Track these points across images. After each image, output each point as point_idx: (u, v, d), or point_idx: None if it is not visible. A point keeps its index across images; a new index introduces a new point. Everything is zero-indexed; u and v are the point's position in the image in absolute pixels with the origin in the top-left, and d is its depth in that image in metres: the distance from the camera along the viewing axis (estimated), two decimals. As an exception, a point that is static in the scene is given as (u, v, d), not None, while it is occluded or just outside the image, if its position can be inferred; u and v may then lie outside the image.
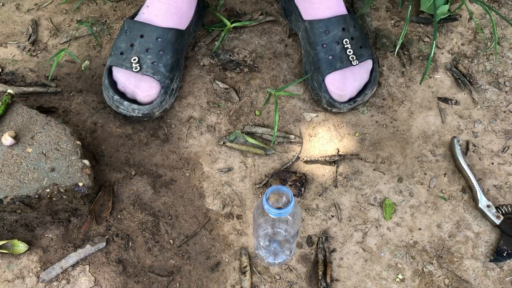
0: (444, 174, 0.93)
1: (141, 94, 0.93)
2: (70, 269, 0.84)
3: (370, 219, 0.89)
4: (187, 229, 0.88)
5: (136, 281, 0.83)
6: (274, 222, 0.77)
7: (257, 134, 0.98)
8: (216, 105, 1.00)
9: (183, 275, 0.84)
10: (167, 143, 0.96)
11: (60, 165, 0.85)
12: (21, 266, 0.84)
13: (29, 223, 0.87)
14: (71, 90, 1.01)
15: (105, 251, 0.85)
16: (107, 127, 0.97)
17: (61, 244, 0.86)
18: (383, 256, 0.86)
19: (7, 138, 0.85)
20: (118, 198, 0.90)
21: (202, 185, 0.92)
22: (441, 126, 0.98)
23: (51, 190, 0.83)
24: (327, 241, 0.87)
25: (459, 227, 0.88)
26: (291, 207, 0.69)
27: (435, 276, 0.84)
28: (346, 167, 0.94)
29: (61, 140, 0.87)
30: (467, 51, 1.07)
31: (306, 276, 0.84)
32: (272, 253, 0.83)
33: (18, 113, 0.90)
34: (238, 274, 0.84)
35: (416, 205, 0.90)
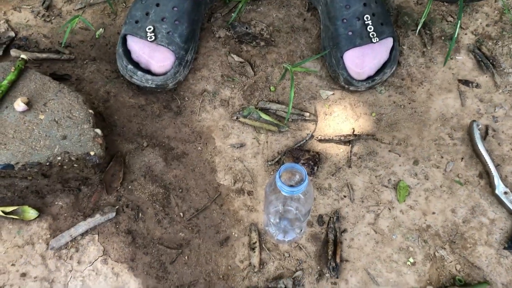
0: (461, 158, 0.91)
1: (155, 64, 0.92)
2: (79, 237, 0.84)
3: (383, 201, 0.88)
4: (197, 203, 0.87)
5: (144, 253, 0.83)
6: (286, 200, 0.76)
7: (271, 110, 0.96)
8: (231, 79, 0.98)
9: (192, 248, 0.84)
10: (179, 115, 0.95)
11: (72, 133, 0.84)
12: (31, 232, 0.84)
13: (39, 190, 0.87)
14: (85, 58, 1.00)
15: (115, 221, 0.85)
16: (120, 97, 0.96)
17: (71, 213, 0.86)
18: (394, 238, 0.85)
19: (20, 104, 0.84)
20: (129, 169, 0.89)
21: (214, 159, 0.91)
22: (460, 109, 0.96)
23: (62, 158, 0.82)
24: (338, 221, 0.86)
25: (474, 213, 0.86)
26: (304, 186, 0.68)
27: (447, 261, 0.83)
28: (361, 147, 0.92)
29: (74, 108, 0.86)
30: (492, 32, 1.03)
31: (315, 255, 0.84)
32: (282, 231, 0.82)
33: (31, 79, 0.89)
34: (247, 250, 0.84)
35: (431, 189, 0.88)
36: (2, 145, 0.82)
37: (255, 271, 0.82)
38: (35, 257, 0.83)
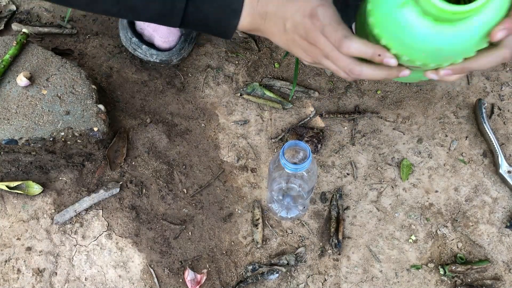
0: (465, 137, 0.91)
1: (159, 39, 0.91)
2: (83, 213, 0.85)
3: (386, 178, 0.88)
4: (201, 179, 0.88)
5: (148, 228, 0.84)
6: (289, 177, 0.76)
7: (275, 87, 0.95)
8: (235, 54, 0.97)
9: (196, 224, 0.85)
10: (183, 92, 0.94)
11: (75, 109, 0.84)
12: (36, 207, 0.85)
13: (43, 165, 0.87)
14: (87, 32, 0.99)
15: (119, 197, 0.86)
16: (123, 72, 0.95)
17: (75, 188, 0.86)
18: (397, 216, 0.85)
19: (22, 78, 0.84)
20: (132, 145, 0.89)
21: (217, 136, 0.91)
22: (466, 88, 0.95)
23: (65, 133, 0.82)
24: (341, 199, 0.86)
25: (477, 192, 0.87)
26: (307, 163, 0.68)
27: (449, 239, 0.83)
28: (365, 125, 0.92)
29: (77, 84, 0.86)
30: (500, 9, 1.01)
31: (317, 232, 0.84)
32: (285, 208, 0.82)
33: (33, 54, 0.88)
34: (250, 226, 0.85)
35: (434, 167, 0.88)
36: (5, 120, 0.82)
37: (258, 247, 0.83)
38: (40, 232, 0.83)
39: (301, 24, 0.58)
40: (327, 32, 0.56)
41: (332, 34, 0.56)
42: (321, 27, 0.56)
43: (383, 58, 0.55)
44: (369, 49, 0.55)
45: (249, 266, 0.81)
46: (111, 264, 0.82)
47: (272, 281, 0.81)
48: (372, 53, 0.55)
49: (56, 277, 0.81)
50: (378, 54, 0.55)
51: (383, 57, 0.55)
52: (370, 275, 0.81)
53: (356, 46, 0.55)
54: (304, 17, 0.57)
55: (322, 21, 0.56)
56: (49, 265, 0.81)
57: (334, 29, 0.56)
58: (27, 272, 0.81)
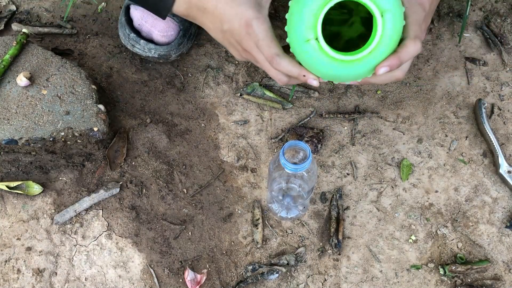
0: (465, 137, 0.91)
1: (157, 33, 0.90)
2: (83, 213, 0.85)
3: (386, 179, 0.88)
4: (201, 179, 0.88)
5: (148, 228, 0.84)
6: (289, 177, 0.76)
7: (275, 87, 0.95)
8: (235, 54, 0.97)
9: (196, 224, 0.85)
10: (183, 92, 0.94)
11: (75, 109, 0.84)
12: (36, 207, 0.85)
13: (43, 165, 0.87)
14: (87, 32, 0.99)
15: (119, 197, 0.86)
16: (123, 72, 0.95)
17: (75, 188, 0.86)
18: (397, 216, 0.85)
19: (22, 78, 0.84)
20: (132, 145, 0.89)
21: (217, 136, 0.91)
22: (466, 88, 0.95)
23: (65, 133, 0.82)
24: (341, 199, 0.86)
25: (477, 192, 0.87)
26: (307, 164, 0.68)
27: (449, 239, 0.83)
28: (365, 125, 0.92)
29: (76, 84, 0.86)
30: (500, 9, 1.01)
31: (317, 232, 0.84)
32: (285, 208, 0.82)
33: (33, 54, 0.88)
34: (250, 226, 0.85)
35: (434, 167, 0.88)
36: (5, 120, 0.82)
37: (258, 247, 0.83)
38: (40, 232, 0.83)
39: (237, 30, 0.62)
40: (260, 46, 0.62)
41: (265, 50, 0.62)
42: (256, 40, 0.62)
43: (307, 79, 0.64)
44: (296, 70, 0.63)
45: (249, 266, 0.81)
46: (111, 264, 0.82)
47: (272, 281, 0.81)
48: (297, 73, 0.63)
49: (56, 277, 0.81)
50: (303, 75, 0.63)
51: (307, 78, 0.64)
52: (370, 275, 0.81)
53: (285, 65, 0.62)
54: (240, 26, 0.62)
55: (257, 35, 0.61)
56: (49, 265, 0.81)
57: (268, 45, 0.62)
58: (27, 272, 0.81)
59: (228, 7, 0.62)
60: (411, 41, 0.62)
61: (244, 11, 0.62)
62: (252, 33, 0.62)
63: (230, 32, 0.64)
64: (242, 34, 0.63)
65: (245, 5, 0.62)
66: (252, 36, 0.62)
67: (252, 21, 0.61)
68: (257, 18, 0.62)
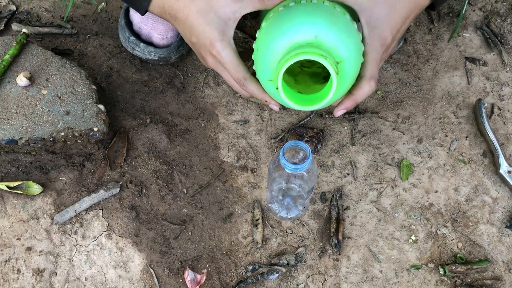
0: (465, 137, 0.91)
1: (157, 36, 0.91)
2: (83, 213, 0.85)
3: (386, 179, 0.88)
4: (201, 179, 0.88)
5: (148, 228, 0.84)
6: (289, 177, 0.76)
7: (276, 86, 0.95)
8: (235, 55, 0.97)
9: (196, 224, 0.85)
10: (183, 92, 0.94)
11: (75, 109, 0.84)
12: (36, 207, 0.85)
13: (43, 165, 0.87)
14: (87, 32, 0.99)
15: (119, 197, 0.86)
16: (123, 72, 0.95)
17: (75, 188, 0.86)
18: (397, 216, 0.85)
19: (22, 79, 0.84)
20: (132, 145, 0.89)
21: (217, 136, 0.91)
22: (466, 88, 0.95)
23: (65, 133, 0.82)
24: (341, 199, 0.86)
25: (477, 192, 0.87)
26: (307, 164, 0.68)
27: (449, 239, 0.83)
28: (365, 125, 0.92)
29: (76, 84, 0.86)
30: (500, 9, 1.01)
31: (317, 232, 0.84)
32: (285, 208, 0.82)
33: (33, 54, 0.88)
34: (250, 226, 0.85)
35: (434, 167, 0.88)
36: (5, 120, 0.82)
37: (258, 247, 0.83)
38: (40, 232, 0.83)
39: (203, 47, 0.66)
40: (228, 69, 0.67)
41: (232, 72, 0.67)
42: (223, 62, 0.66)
43: (269, 104, 0.70)
44: (260, 95, 0.69)
45: (249, 266, 0.81)
46: (111, 264, 0.82)
47: (272, 281, 0.81)
48: (261, 98, 0.69)
49: (56, 277, 0.81)
50: (265, 100, 0.70)
51: (269, 103, 0.70)
52: (370, 275, 0.81)
53: (251, 89, 0.68)
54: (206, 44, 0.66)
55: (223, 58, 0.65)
56: (49, 265, 0.81)
57: (235, 69, 0.66)
58: (27, 272, 0.81)
59: (197, 23, 0.65)
60: (366, 82, 0.67)
61: (209, 31, 0.64)
62: (217, 54, 0.65)
63: (197, 46, 0.67)
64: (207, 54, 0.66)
65: (211, 25, 0.64)
66: (218, 57, 0.65)
67: (216, 43, 0.64)
68: (221, 41, 0.64)
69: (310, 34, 0.62)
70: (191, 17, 0.65)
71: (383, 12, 0.66)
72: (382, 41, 0.66)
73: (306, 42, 0.62)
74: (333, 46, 0.63)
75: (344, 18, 0.65)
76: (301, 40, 0.63)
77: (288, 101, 0.64)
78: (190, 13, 0.65)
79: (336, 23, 0.63)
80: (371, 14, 0.65)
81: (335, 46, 0.63)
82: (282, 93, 0.63)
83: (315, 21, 0.63)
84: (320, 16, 0.63)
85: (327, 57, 0.60)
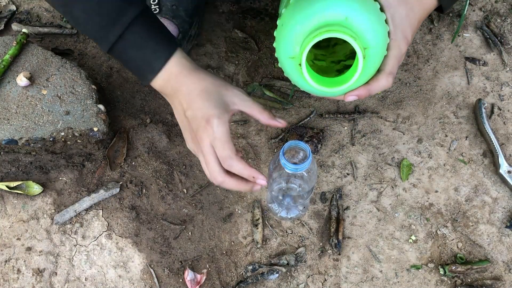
0: (465, 137, 0.91)
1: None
2: (83, 213, 0.85)
3: (386, 179, 0.88)
4: (200, 179, 0.88)
5: (148, 228, 0.84)
6: (289, 177, 0.76)
7: (275, 87, 0.95)
8: (235, 54, 0.97)
9: (196, 224, 0.85)
10: (183, 91, 0.94)
11: (75, 109, 0.84)
12: (36, 207, 0.85)
13: (43, 165, 0.87)
14: (87, 32, 0.99)
15: (119, 197, 0.86)
16: (123, 72, 0.95)
17: (75, 188, 0.86)
18: (397, 216, 0.85)
19: (22, 78, 0.84)
20: (132, 145, 0.89)
21: (217, 136, 0.91)
22: (466, 88, 0.95)
23: (65, 133, 0.82)
24: (341, 199, 0.86)
25: (477, 192, 0.87)
26: (307, 164, 0.68)
27: (449, 239, 0.83)
28: (365, 125, 0.92)
29: (76, 84, 0.86)
30: (500, 9, 1.01)
31: (317, 232, 0.84)
32: (285, 208, 0.82)
33: (33, 54, 0.88)
34: (250, 226, 0.85)
35: (434, 167, 0.88)
36: (5, 120, 0.82)
37: (258, 247, 0.83)
38: (40, 232, 0.83)
39: (198, 121, 0.66)
40: (216, 144, 0.66)
41: (219, 149, 0.66)
42: (212, 137, 0.66)
43: (256, 180, 0.67)
44: (247, 172, 0.66)
45: (249, 266, 0.81)
46: (111, 264, 0.82)
47: (272, 281, 0.81)
48: (248, 175, 0.67)
49: (56, 277, 0.81)
50: (253, 176, 0.67)
51: (256, 179, 0.67)
52: (370, 275, 0.81)
53: (237, 168, 0.66)
54: (202, 118, 0.66)
55: (215, 133, 0.65)
56: (49, 265, 0.81)
57: (222, 146, 0.66)
58: (27, 272, 0.81)
59: (198, 98, 0.66)
60: (384, 76, 0.66)
61: (209, 107, 0.66)
62: (209, 129, 0.65)
63: (191, 119, 0.67)
64: (200, 126, 0.66)
65: (212, 103, 0.66)
66: (209, 132, 0.65)
67: (213, 119, 0.65)
68: (219, 118, 0.65)
69: (342, 15, 0.62)
70: (194, 92, 0.67)
71: (405, 12, 0.66)
72: (404, 40, 0.67)
73: (336, 22, 0.62)
74: (362, 31, 0.62)
75: (375, 5, 0.64)
76: (331, 19, 0.62)
77: (309, 79, 0.63)
78: (195, 89, 0.67)
79: (368, 9, 0.63)
80: (395, 11, 0.66)
81: (364, 31, 0.62)
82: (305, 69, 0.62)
83: (348, 2, 0.62)
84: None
85: (356, 39, 0.59)
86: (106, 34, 0.65)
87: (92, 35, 0.67)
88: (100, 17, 0.64)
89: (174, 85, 0.68)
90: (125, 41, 0.65)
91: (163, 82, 0.68)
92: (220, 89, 0.68)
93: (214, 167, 0.67)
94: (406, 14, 0.66)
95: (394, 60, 0.67)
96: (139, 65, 0.68)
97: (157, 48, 0.67)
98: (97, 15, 0.64)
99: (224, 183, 0.68)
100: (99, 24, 0.64)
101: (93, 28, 0.65)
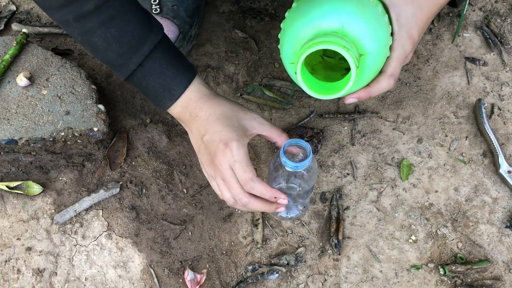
0: (465, 137, 0.91)
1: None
2: (83, 213, 0.85)
3: (386, 179, 0.88)
4: (201, 179, 0.88)
5: (148, 228, 0.84)
6: (289, 176, 0.76)
7: (275, 87, 0.95)
8: (235, 54, 0.97)
9: (196, 224, 0.85)
10: (183, 91, 0.94)
11: (75, 109, 0.84)
12: (36, 207, 0.85)
13: (43, 165, 0.87)
14: (87, 32, 0.99)
15: (119, 197, 0.86)
16: (123, 72, 0.95)
17: (75, 188, 0.86)
18: (397, 216, 0.85)
19: (22, 78, 0.84)
20: (132, 145, 0.89)
21: (217, 136, 0.91)
22: (466, 88, 0.95)
23: (65, 133, 0.82)
24: (341, 199, 0.86)
25: (477, 192, 0.87)
26: (308, 161, 0.68)
27: (449, 239, 0.83)
28: (365, 125, 0.92)
29: (76, 84, 0.86)
30: (500, 9, 1.01)
31: (317, 232, 0.84)
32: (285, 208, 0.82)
33: (33, 54, 0.88)
34: (250, 226, 0.85)
35: (434, 167, 0.88)
36: (5, 120, 0.82)
37: (258, 247, 0.83)
38: (40, 232, 0.83)
39: (215, 144, 0.66)
40: (236, 167, 0.66)
41: (240, 172, 0.66)
42: (232, 161, 0.65)
43: (278, 200, 0.68)
44: (269, 193, 0.67)
45: (249, 266, 0.81)
46: (111, 264, 0.82)
47: (272, 281, 0.81)
48: (270, 196, 0.67)
49: (56, 277, 0.81)
50: (274, 196, 0.67)
51: (278, 199, 0.68)
52: (370, 275, 0.81)
53: (259, 189, 0.66)
54: (221, 141, 0.66)
55: (234, 156, 0.65)
56: (49, 265, 0.81)
57: (243, 169, 0.65)
58: (27, 272, 0.81)
59: (217, 123, 0.67)
60: (385, 77, 0.66)
61: (228, 131, 0.66)
62: (228, 152, 0.65)
63: (208, 142, 0.67)
64: (218, 150, 0.66)
65: (231, 127, 0.66)
66: (228, 155, 0.65)
67: (232, 142, 0.65)
68: (238, 141, 0.66)
69: (337, 23, 0.61)
70: (213, 117, 0.67)
71: (412, 11, 0.65)
72: (410, 40, 0.66)
73: (331, 31, 0.61)
74: (359, 38, 0.61)
75: (375, 9, 0.63)
76: (326, 28, 0.61)
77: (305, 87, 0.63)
78: (214, 114, 0.67)
79: (365, 15, 0.62)
80: (400, 11, 0.65)
81: (361, 38, 0.61)
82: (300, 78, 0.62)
83: (344, 10, 0.61)
84: (350, 5, 0.62)
85: (349, 50, 0.59)
86: (125, 62, 0.64)
87: (110, 63, 0.66)
88: (119, 45, 0.63)
89: (192, 111, 0.68)
90: (144, 69, 0.65)
91: (182, 109, 0.68)
92: (238, 113, 0.68)
93: (238, 189, 0.66)
94: (412, 13, 0.65)
95: (396, 61, 0.66)
96: (158, 92, 0.67)
97: (177, 75, 0.67)
98: (117, 43, 0.63)
99: (249, 204, 0.67)
100: (118, 52, 0.64)
101: (112, 56, 0.64)
